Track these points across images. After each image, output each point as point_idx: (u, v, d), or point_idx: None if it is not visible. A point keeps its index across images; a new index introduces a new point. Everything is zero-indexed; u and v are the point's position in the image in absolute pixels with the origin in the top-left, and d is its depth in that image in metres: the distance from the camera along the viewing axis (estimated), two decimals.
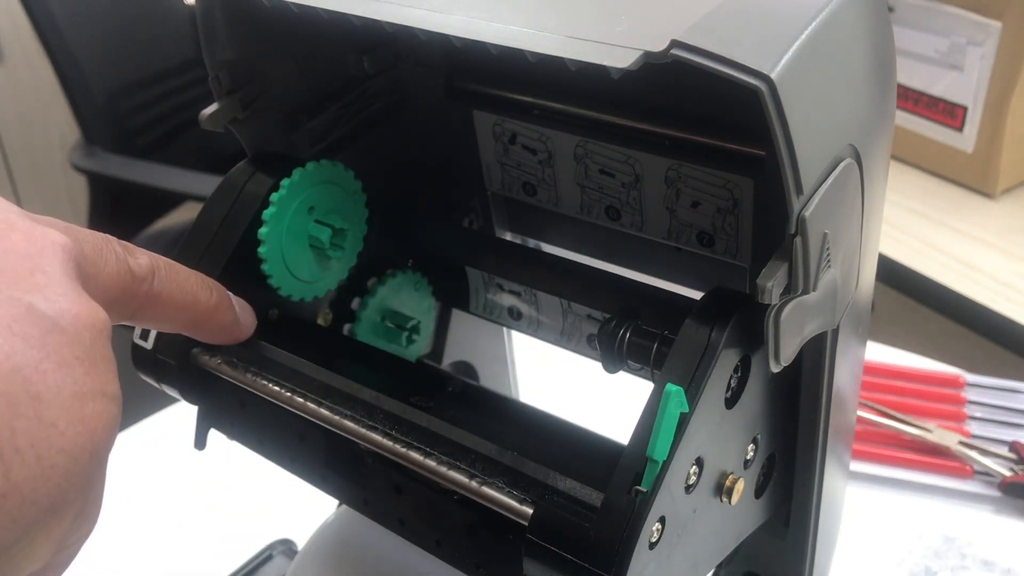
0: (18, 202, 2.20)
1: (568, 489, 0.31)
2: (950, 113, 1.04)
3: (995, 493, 0.64)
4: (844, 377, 0.38)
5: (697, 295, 0.34)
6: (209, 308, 0.37)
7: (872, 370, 0.74)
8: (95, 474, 0.27)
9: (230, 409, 0.41)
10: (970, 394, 0.72)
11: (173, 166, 1.42)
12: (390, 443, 0.35)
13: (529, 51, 0.29)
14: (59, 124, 2.08)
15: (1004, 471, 0.64)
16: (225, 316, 0.38)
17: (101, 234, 0.33)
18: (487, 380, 0.58)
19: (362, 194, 0.45)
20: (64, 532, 0.27)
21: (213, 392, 0.41)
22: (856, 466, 0.66)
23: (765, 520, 0.41)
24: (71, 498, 0.26)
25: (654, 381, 0.34)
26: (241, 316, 0.39)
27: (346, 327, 0.47)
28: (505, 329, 0.57)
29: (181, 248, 0.41)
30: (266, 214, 0.40)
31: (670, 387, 0.29)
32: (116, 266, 0.32)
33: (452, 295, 0.51)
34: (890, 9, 1.04)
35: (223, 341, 0.39)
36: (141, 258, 0.34)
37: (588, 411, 0.47)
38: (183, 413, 0.64)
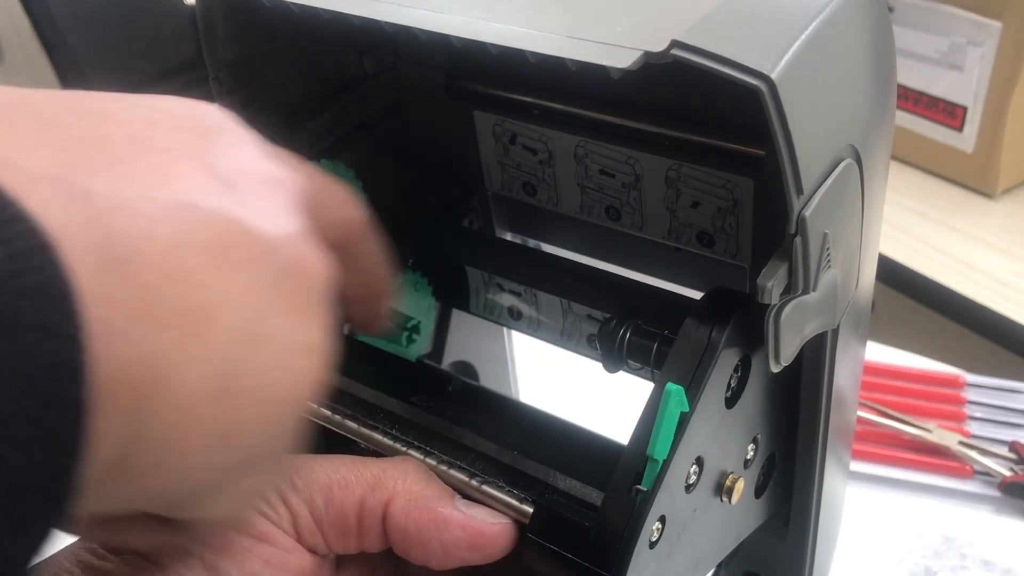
0: None
1: (568, 488, 0.31)
2: (950, 113, 1.04)
3: (995, 493, 0.64)
4: (844, 377, 0.38)
5: (697, 295, 0.34)
6: (386, 289, 0.35)
7: (872, 370, 0.74)
8: (293, 429, 0.26)
9: None
10: (970, 394, 0.72)
11: None
12: (390, 442, 0.35)
13: (529, 51, 0.29)
14: None
15: (1004, 471, 0.64)
16: (386, 304, 0.35)
17: (329, 177, 0.31)
18: (487, 380, 0.58)
19: (362, 194, 0.45)
20: (254, 484, 0.27)
21: None
22: (856, 466, 0.66)
23: (765, 520, 0.41)
24: (271, 450, 0.26)
25: (654, 381, 0.34)
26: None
27: (346, 327, 0.47)
28: (505, 329, 0.57)
29: None
30: None
31: (670, 386, 0.29)
32: (341, 212, 0.31)
33: (452, 295, 0.51)
34: (890, 9, 1.04)
35: (369, 331, 0.36)
36: (362, 210, 0.32)
37: (588, 411, 0.47)
38: None
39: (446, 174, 0.49)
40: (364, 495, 0.32)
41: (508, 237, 0.51)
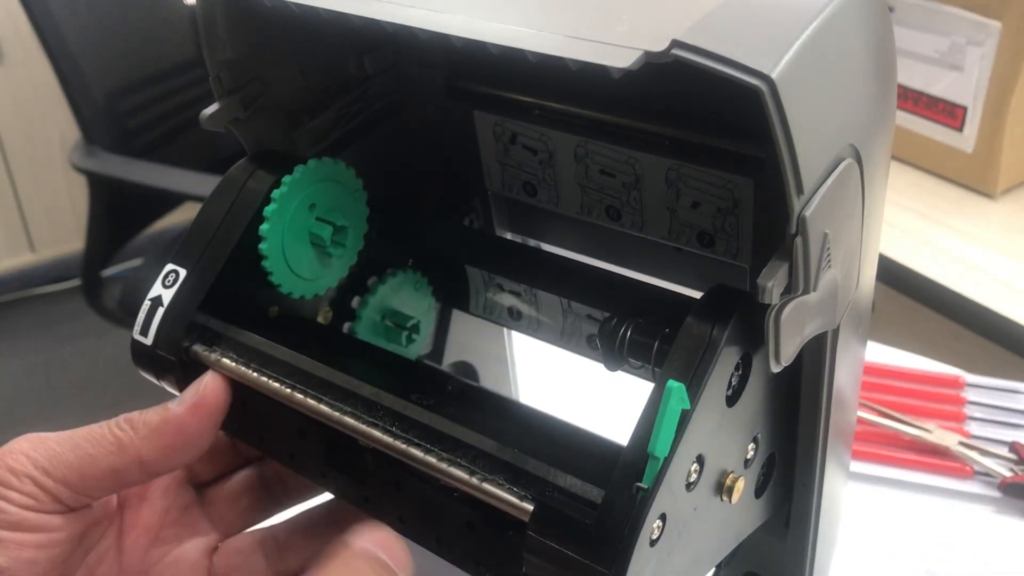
0: (18, 202, 2.20)
1: (569, 486, 0.31)
2: (950, 113, 1.04)
3: (995, 493, 0.64)
4: (844, 377, 0.38)
5: (697, 295, 0.34)
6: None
7: (872, 370, 0.74)
8: None
9: (230, 406, 0.41)
10: (970, 394, 0.72)
11: (173, 166, 1.42)
12: (390, 439, 0.35)
13: (530, 51, 0.29)
14: (59, 124, 2.08)
15: (1004, 471, 0.64)
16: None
17: None
18: (487, 380, 0.58)
19: (363, 192, 0.45)
20: None
21: None
22: (856, 466, 0.66)
23: (765, 520, 0.41)
24: None
25: (654, 380, 0.34)
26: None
27: (346, 325, 0.48)
28: (505, 329, 0.57)
29: (182, 245, 0.41)
30: (268, 211, 0.40)
31: (671, 383, 0.29)
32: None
33: (452, 295, 0.51)
34: (890, 9, 1.04)
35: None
36: None
37: (588, 412, 0.47)
38: None
39: (446, 174, 0.49)
40: (113, 461, 0.38)
41: (508, 237, 0.51)
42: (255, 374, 0.39)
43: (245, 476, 0.46)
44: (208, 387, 0.39)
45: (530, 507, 0.31)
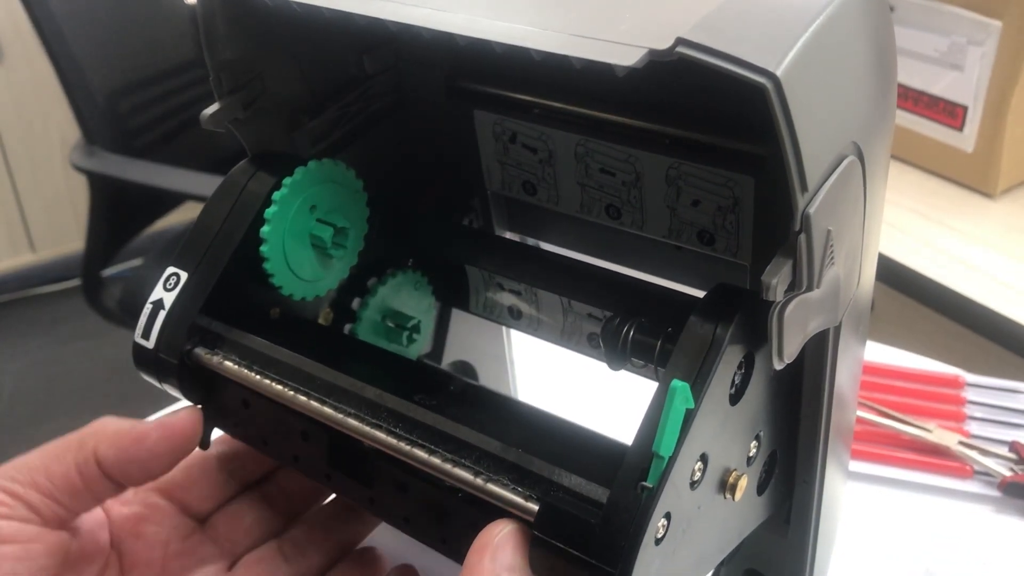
0: (18, 202, 2.20)
1: (573, 486, 0.31)
2: (950, 113, 1.04)
3: (995, 493, 0.64)
4: (845, 375, 0.38)
5: (698, 293, 0.34)
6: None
7: (872, 370, 0.74)
8: None
9: (233, 408, 0.41)
10: (970, 394, 0.72)
11: (173, 166, 1.41)
12: (394, 441, 0.35)
13: (534, 49, 0.29)
14: (59, 124, 2.08)
15: (1004, 471, 0.64)
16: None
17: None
18: (487, 380, 0.58)
19: (363, 193, 0.45)
20: None
21: (215, 391, 0.41)
22: (856, 466, 0.66)
23: (767, 517, 0.41)
24: None
25: (656, 379, 0.34)
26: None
27: (347, 327, 0.48)
28: (505, 329, 0.57)
29: (183, 248, 0.41)
30: (268, 213, 0.40)
31: (676, 383, 0.29)
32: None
33: (452, 295, 0.51)
34: (891, 8, 1.04)
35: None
36: None
37: (589, 412, 0.47)
38: None
39: (446, 173, 0.49)
40: (74, 455, 0.39)
41: (508, 236, 0.51)
42: (257, 376, 0.39)
43: (245, 497, 0.46)
44: (180, 415, 0.41)
45: (535, 507, 0.31)
